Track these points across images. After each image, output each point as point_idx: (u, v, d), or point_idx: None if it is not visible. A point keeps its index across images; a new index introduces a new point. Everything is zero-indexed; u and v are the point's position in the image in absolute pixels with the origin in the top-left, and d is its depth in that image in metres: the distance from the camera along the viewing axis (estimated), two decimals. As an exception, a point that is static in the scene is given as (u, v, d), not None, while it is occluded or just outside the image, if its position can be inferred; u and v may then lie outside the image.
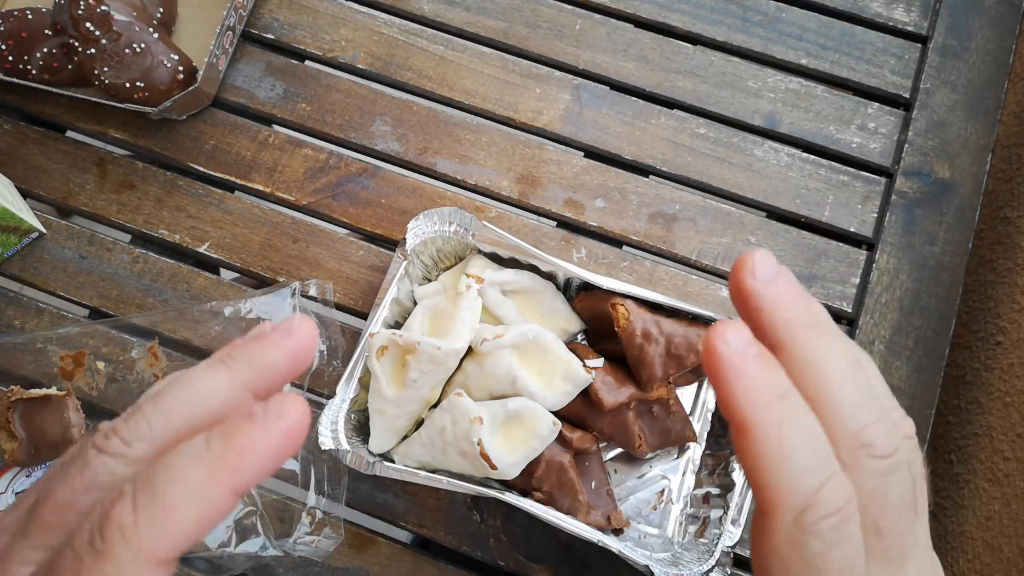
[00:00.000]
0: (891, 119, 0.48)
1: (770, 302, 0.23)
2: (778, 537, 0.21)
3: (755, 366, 0.22)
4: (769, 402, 0.21)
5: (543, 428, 0.35)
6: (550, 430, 0.35)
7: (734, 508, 0.36)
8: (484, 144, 0.48)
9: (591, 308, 0.39)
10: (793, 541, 0.20)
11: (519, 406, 0.36)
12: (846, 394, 0.22)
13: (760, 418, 0.21)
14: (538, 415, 0.36)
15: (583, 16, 0.51)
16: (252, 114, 0.49)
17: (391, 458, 0.38)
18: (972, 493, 0.44)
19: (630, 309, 0.36)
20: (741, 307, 0.24)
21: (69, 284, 0.46)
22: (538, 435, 0.35)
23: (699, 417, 0.41)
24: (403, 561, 0.41)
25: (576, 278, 0.39)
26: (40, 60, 0.45)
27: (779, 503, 0.21)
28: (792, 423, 0.21)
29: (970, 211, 0.46)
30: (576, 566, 0.40)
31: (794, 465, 0.21)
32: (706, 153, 0.48)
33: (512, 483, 0.37)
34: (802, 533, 0.20)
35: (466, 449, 0.35)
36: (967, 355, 0.49)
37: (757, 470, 0.21)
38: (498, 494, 0.35)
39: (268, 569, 0.40)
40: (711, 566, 0.35)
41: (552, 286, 0.40)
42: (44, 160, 0.48)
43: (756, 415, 0.21)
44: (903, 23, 0.50)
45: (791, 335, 0.23)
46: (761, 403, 0.21)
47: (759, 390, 0.21)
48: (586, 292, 0.40)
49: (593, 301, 0.39)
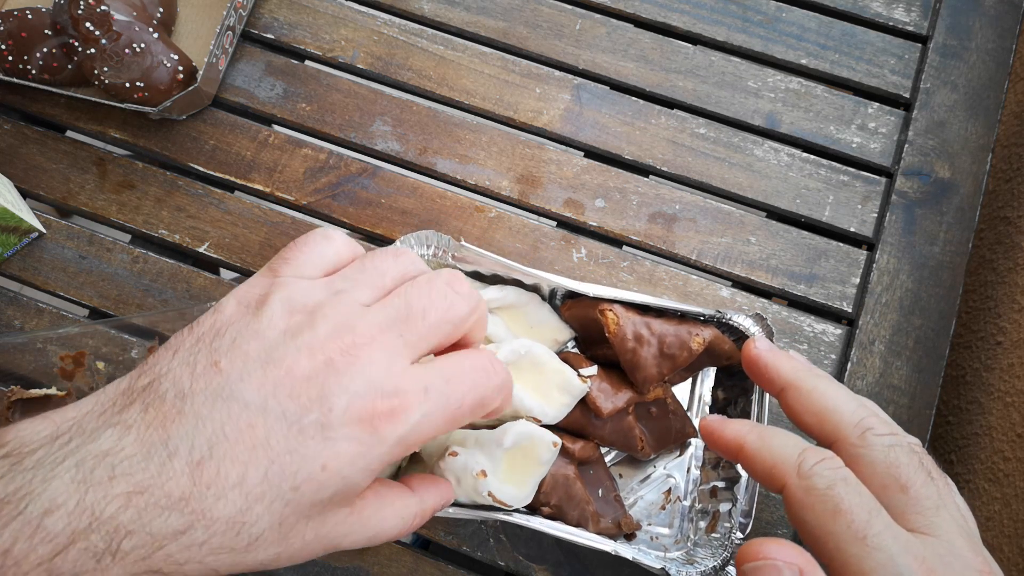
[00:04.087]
0: (891, 119, 0.48)
1: (774, 360, 0.32)
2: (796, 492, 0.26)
3: (784, 354, 0.32)
4: (806, 366, 0.31)
5: (544, 453, 0.35)
6: (551, 452, 0.35)
7: (743, 499, 0.36)
8: (484, 144, 0.48)
9: (579, 316, 0.39)
10: (806, 488, 0.25)
11: (516, 437, 0.35)
12: (844, 402, 0.29)
13: (801, 375, 0.30)
14: (536, 439, 0.35)
15: (583, 16, 0.51)
16: (252, 114, 0.49)
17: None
18: (972, 493, 0.44)
19: (619, 314, 0.36)
20: (754, 369, 0.33)
21: (69, 284, 0.46)
22: (540, 460, 0.35)
23: (697, 412, 0.41)
24: (403, 561, 0.41)
25: (561, 287, 0.39)
26: (40, 60, 0.45)
27: (839, 436, 0.28)
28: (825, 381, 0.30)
29: (970, 211, 0.46)
30: (576, 566, 0.40)
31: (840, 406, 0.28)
32: (706, 153, 0.48)
33: None
34: (807, 479, 0.25)
35: (478, 500, 0.35)
36: (967, 355, 0.49)
37: (804, 414, 0.29)
38: (505, 516, 0.35)
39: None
40: (726, 559, 0.35)
41: (537, 297, 0.40)
42: (44, 160, 0.48)
43: (797, 374, 0.30)
44: (903, 23, 0.50)
45: (795, 377, 0.30)
46: (800, 367, 0.31)
47: (796, 363, 0.31)
48: (573, 299, 0.39)
49: (581, 308, 0.39)
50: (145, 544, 0.20)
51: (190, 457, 0.21)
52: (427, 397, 0.24)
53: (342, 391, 0.23)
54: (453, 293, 0.26)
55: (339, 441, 0.22)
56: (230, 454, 0.21)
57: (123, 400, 0.22)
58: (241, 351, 0.23)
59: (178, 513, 0.21)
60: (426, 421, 0.24)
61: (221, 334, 0.24)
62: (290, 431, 0.22)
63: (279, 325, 0.24)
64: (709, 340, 0.36)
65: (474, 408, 0.26)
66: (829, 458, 0.26)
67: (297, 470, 0.22)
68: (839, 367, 0.44)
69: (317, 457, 0.22)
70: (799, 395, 0.30)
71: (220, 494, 0.21)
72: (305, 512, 0.22)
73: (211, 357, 0.23)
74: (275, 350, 0.23)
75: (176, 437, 0.21)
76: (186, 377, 0.23)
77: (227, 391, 0.22)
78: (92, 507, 0.20)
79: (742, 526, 0.35)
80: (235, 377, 0.22)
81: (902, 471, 0.26)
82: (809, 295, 0.45)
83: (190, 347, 0.23)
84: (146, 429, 0.21)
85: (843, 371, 0.44)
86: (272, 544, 0.22)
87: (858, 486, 0.25)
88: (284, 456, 0.22)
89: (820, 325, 0.44)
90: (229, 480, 0.21)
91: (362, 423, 0.23)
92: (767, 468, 0.27)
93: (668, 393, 0.39)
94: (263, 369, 0.23)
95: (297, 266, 0.26)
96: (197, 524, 0.21)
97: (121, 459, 0.21)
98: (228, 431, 0.22)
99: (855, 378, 0.43)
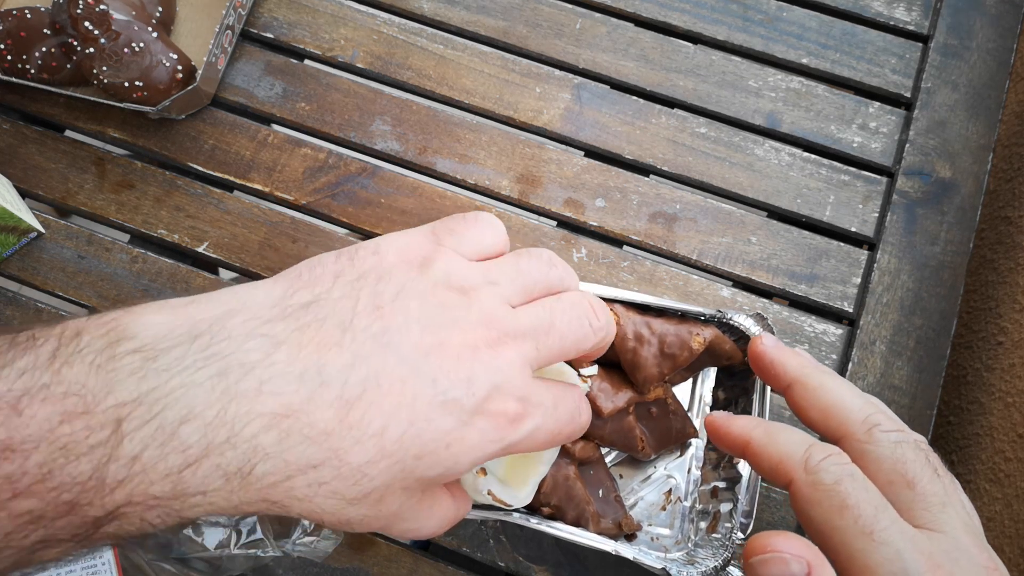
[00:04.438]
0: (892, 119, 0.48)
1: (780, 356, 0.31)
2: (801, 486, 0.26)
3: (790, 351, 0.32)
4: (813, 363, 0.31)
5: (545, 452, 0.35)
6: (552, 452, 0.35)
7: (744, 499, 0.36)
8: (484, 143, 0.48)
9: None
10: (813, 483, 0.25)
11: None
12: (850, 399, 0.28)
13: (807, 371, 0.30)
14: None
15: (583, 15, 0.51)
16: (251, 113, 0.49)
17: None
18: (973, 494, 0.44)
19: (619, 313, 0.36)
20: (760, 365, 0.32)
21: (68, 284, 0.46)
22: (541, 460, 0.35)
23: (697, 412, 0.41)
24: (402, 562, 0.41)
25: None
26: (39, 59, 0.45)
27: (845, 433, 0.27)
28: (831, 377, 0.30)
29: (971, 211, 0.46)
30: (576, 566, 0.40)
31: (847, 403, 0.28)
32: (707, 152, 0.48)
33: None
34: (813, 473, 0.25)
35: (478, 499, 0.35)
36: (968, 355, 0.49)
37: (810, 410, 0.29)
38: (504, 517, 0.35)
39: (267, 570, 0.40)
40: (727, 559, 0.35)
41: None
42: (43, 160, 0.48)
43: (804, 370, 0.30)
44: (904, 22, 0.50)
45: (801, 373, 0.30)
46: (806, 363, 0.30)
47: (802, 359, 0.31)
48: None
49: None
50: (277, 471, 0.20)
51: (342, 393, 0.21)
52: (543, 413, 0.24)
53: (487, 381, 0.23)
54: (591, 323, 0.27)
55: (471, 427, 0.22)
56: (377, 402, 0.21)
57: (274, 312, 0.21)
58: (403, 304, 0.23)
59: (317, 447, 0.20)
60: (534, 435, 0.24)
61: (385, 279, 0.23)
62: (434, 400, 0.22)
63: (439, 294, 0.24)
64: (710, 340, 0.36)
65: (556, 438, 0.26)
66: (836, 454, 0.26)
67: (427, 440, 0.21)
68: (840, 367, 0.44)
69: (448, 434, 0.22)
70: (805, 391, 0.30)
71: (359, 439, 0.20)
72: (410, 483, 0.22)
73: (375, 300, 0.22)
74: (433, 317, 0.23)
75: (332, 367, 0.21)
76: (347, 310, 0.22)
77: (386, 339, 0.22)
78: (233, 422, 0.19)
79: (743, 526, 0.35)
80: (395, 328, 0.22)
81: (909, 467, 0.26)
82: (810, 295, 0.45)
83: (352, 280, 0.23)
84: (300, 350, 0.21)
85: (844, 371, 0.44)
86: (369, 505, 0.22)
87: (865, 482, 0.25)
88: (422, 422, 0.21)
89: (821, 325, 0.44)
90: (371, 428, 0.21)
91: (494, 418, 0.23)
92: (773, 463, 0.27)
93: (669, 393, 0.38)
94: (421, 331, 0.22)
95: (460, 242, 0.26)
96: (330, 463, 0.20)
97: (271, 375, 0.20)
98: (382, 380, 0.21)
99: (856, 378, 0.43)
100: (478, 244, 0.27)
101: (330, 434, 0.20)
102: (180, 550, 0.39)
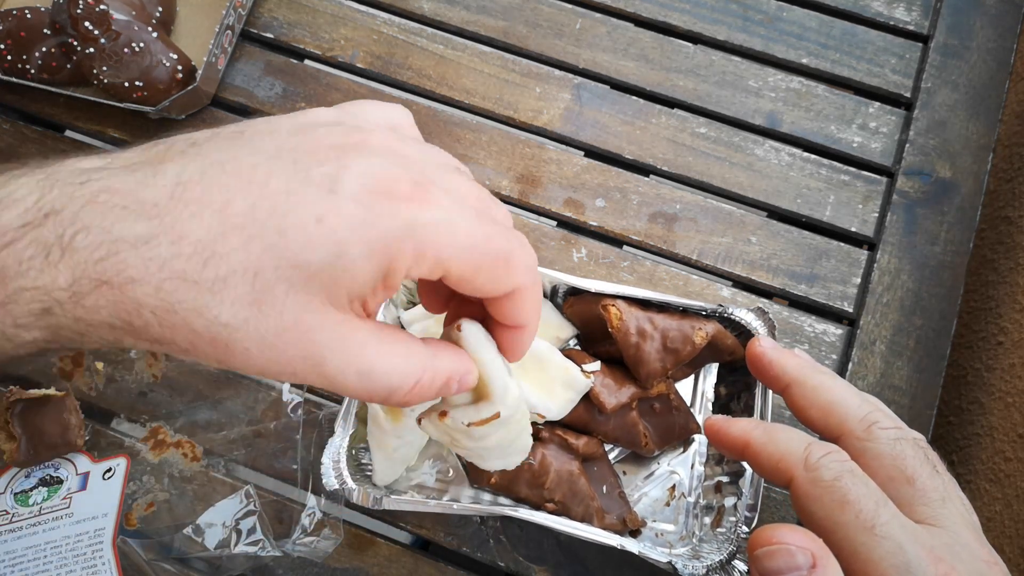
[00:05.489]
0: (892, 118, 0.48)
1: (778, 357, 0.32)
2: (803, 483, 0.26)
3: (788, 352, 0.33)
4: (810, 363, 0.32)
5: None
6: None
7: (748, 493, 0.36)
8: (484, 143, 0.48)
9: (581, 312, 0.39)
10: (813, 480, 0.25)
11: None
12: (849, 398, 0.29)
13: (806, 371, 0.31)
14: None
15: (583, 15, 0.51)
16: (251, 113, 0.49)
17: (399, 490, 0.39)
18: (973, 494, 0.44)
19: (622, 309, 0.36)
20: (758, 367, 0.33)
21: (68, 284, 0.46)
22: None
23: (700, 408, 0.41)
24: (403, 562, 0.41)
25: (562, 284, 0.39)
26: (39, 59, 0.45)
27: (844, 431, 0.28)
28: (829, 377, 0.31)
29: (971, 211, 0.46)
30: (576, 567, 0.40)
31: (846, 401, 0.29)
32: (707, 152, 0.48)
33: (523, 497, 0.37)
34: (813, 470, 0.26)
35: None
36: (968, 355, 0.49)
37: (809, 409, 0.30)
38: (511, 512, 0.35)
39: (267, 570, 0.40)
40: (732, 553, 0.35)
41: None
42: (43, 160, 0.48)
43: (802, 371, 0.31)
44: (904, 22, 0.50)
45: (800, 373, 0.31)
46: (804, 364, 0.32)
47: (800, 360, 0.32)
48: (575, 296, 0.40)
49: (583, 305, 0.39)
50: (100, 244, 0.18)
51: (177, 178, 0.19)
52: (459, 211, 0.20)
53: (366, 160, 0.20)
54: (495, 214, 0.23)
55: (346, 199, 0.19)
56: (220, 181, 0.19)
57: (129, 157, 0.20)
58: (274, 123, 0.21)
59: (146, 220, 0.18)
60: (446, 231, 0.19)
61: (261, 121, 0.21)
62: (295, 176, 0.19)
63: (325, 115, 0.22)
64: (712, 334, 0.36)
65: (479, 249, 0.20)
66: (835, 451, 0.26)
67: (288, 211, 0.18)
68: (840, 367, 0.44)
69: (315, 205, 0.18)
70: (804, 391, 0.30)
71: (196, 213, 0.18)
72: (286, 273, 0.18)
73: (238, 128, 0.21)
74: (311, 127, 0.21)
75: (169, 164, 0.19)
76: (204, 136, 0.20)
77: (241, 142, 0.20)
78: (53, 203, 0.18)
79: (747, 520, 0.35)
80: (256, 138, 0.20)
81: (908, 463, 0.26)
82: (810, 295, 0.45)
83: (221, 129, 0.21)
84: (139, 162, 0.19)
85: (844, 371, 0.44)
86: (243, 303, 0.18)
87: (864, 478, 0.25)
88: (279, 195, 0.19)
89: (821, 325, 0.44)
90: (211, 204, 0.18)
91: (378, 194, 0.19)
92: (773, 463, 0.27)
93: (671, 389, 0.39)
94: (288, 136, 0.20)
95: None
96: (162, 236, 0.18)
97: (101, 174, 0.19)
98: (228, 167, 0.19)
99: (856, 378, 0.43)
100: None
101: (159, 207, 0.18)
102: (180, 550, 0.39)
